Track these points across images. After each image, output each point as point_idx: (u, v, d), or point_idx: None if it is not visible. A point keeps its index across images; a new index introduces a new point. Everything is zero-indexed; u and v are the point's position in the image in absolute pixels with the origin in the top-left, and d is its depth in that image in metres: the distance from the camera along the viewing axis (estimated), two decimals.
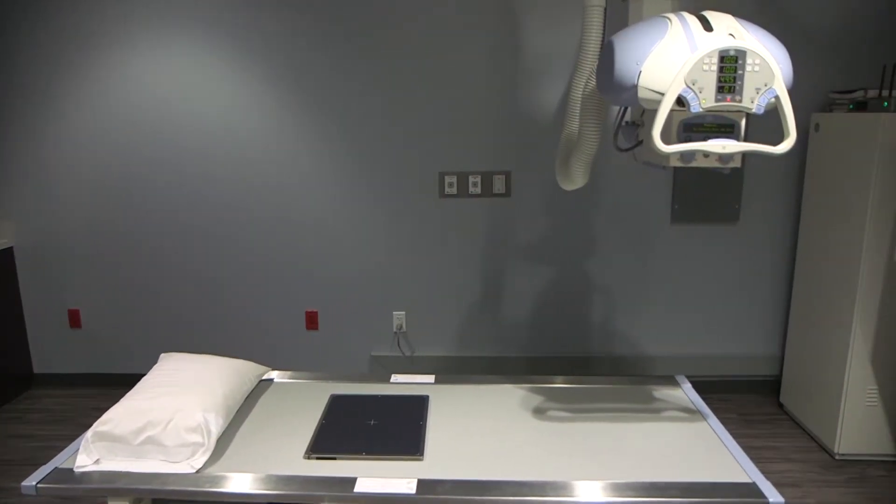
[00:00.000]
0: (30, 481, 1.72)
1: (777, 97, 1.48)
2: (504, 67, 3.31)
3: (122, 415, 1.81)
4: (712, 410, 2.09)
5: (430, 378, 2.38)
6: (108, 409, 1.85)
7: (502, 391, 2.27)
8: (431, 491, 1.67)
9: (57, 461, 1.82)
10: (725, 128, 1.56)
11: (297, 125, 3.41)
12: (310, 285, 3.61)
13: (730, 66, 1.45)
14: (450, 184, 3.44)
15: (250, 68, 3.34)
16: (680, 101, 1.48)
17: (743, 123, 1.56)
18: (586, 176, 2.14)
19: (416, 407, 2.13)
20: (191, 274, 3.62)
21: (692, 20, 1.53)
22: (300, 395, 2.24)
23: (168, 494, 1.70)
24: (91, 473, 1.76)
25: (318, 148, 3.44)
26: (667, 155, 1.56)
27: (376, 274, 3.59)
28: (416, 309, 3.63)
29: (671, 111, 1.49)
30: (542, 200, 3.45)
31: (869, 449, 2.96)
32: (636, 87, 1.51)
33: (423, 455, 1.84)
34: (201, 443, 1.80)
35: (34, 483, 1.72)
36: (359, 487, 1.68)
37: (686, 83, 1.45)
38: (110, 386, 3.78)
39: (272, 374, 2.42)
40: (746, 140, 1.54)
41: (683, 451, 1.86)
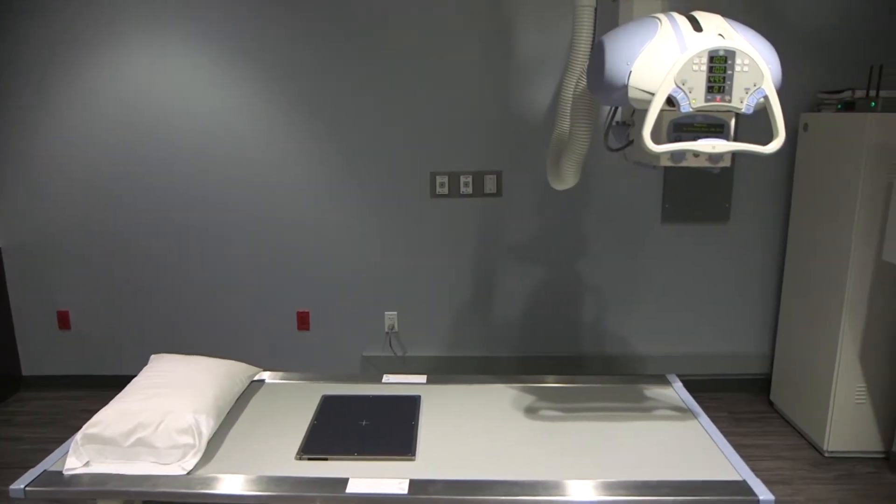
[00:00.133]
0: (18, 484, 1.71)
1: (766, 97, 1.49)
2: (495, 67, 3.31)
3: (113, 417, 1.80)
4: (703, 409, 2.11)
5: (422, 378, 2.38)
6: (98, 411, 1.84)
7: (494, 391, 2.27)
8: (423, 491, 1.67)
9: (46, 464, 1.81)
10: (715, 128, 1.57)
11: (289, 125, 3.40)
12: (301, 285, 3.61)
13: (719, 67, 1.46)
14: (441, 184, 3.44)
15: (242, 69, 3.33)
16: (670, 101, 1.48)
17: (732, 123, 1.57)
18: (577, 176, 2.15)
19: (408, 407, 2.13)
20: (181, 275, 3.60)
21: (682, 20, 1.53)
22: (291, 396, 2.24)
23: (159, 496, 1.70)
24: (81, 476, 1.75)
25: (310, 148, 3.43)
26: (657, 155, 1.56)
27: (368, 274, 3.58)
28: (408, 309, 3.62)
29: (661, 111, 1.50)
30: (534, 200, 3.46)
31: (858, 446, 2.99)
32: (626, 87, 1.51)
33: (415, 455, 1.84)
34: (192, 444, 1.79)
35: (23, 486, 1.71)
36: (350, 488, 1.68)
37: (676, 83, 1.46)
38: (100, 388, 3.75)
39: (263, 375, 2.41)
40: (736, 140, 1.55)
41: (674, 450, 1.87)
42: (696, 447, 1.88)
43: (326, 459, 1.83)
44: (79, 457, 1.78)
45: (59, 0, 3.25)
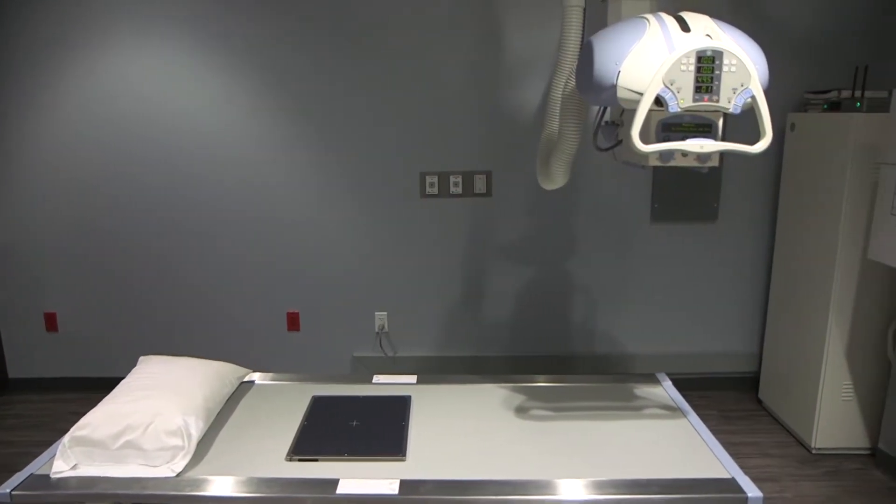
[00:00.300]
0: (4, 488, 1.69)
1: (753, 97, 1.50)
2: (485, 68, 3.32)
3: (101, 419, 1.78)
4: (692, 407, 2.12)
5: (413, 378, 2.38)
6: (87, 414, 1.82)
7: (484, 391, 2.27)
8: (414, 491, 1.67)
9: (32, 467, 1.79)
10: (703, 127, 1.58)
11: (278, 126, 3.39)
12: (291, 286, 3.59)
13: (707, 67, 1.47)
14: (431, 184, 3.44)
15: (232, 69, 3.32)
16: (658, 101, 1.49)
17: (720, 123, 1.58)
18: (567, 175, 2.16)
19: (399, 407, 2.13)
20: (170, 275, 3.58)
21: (670, 21, 1.54)
22: (282, 397, 2.23)
23: (148, 499, 1.68)
24: (68, 479, 1.73)
25: (299, 148, 3.42)
26: (646, 154, 1.57)
27: (358, 274, 3.58)
28: (398, 309, 3.62)
29: (650, 111, 1.51)
30: (523, 200, 3.46)
31: (844, 443, 3.01)
32: (615, 87, 1.52)
33: (406, 455, 1.84)
34: (181, 446, 1.78)
35: (8, 490, 1.69)
36: (341, 489, 1.68)
37: (664, 83, 1.47)
38: (89, 390, 3.72)
39: (253, 376, 2.40)
40: (724, 139, 1.56)
41: (664, 448, 1.88)
42: (686, 445, 1.89)
43: (317, 460, 1.82)
44: (66, 460, 1.76)
45: (49, 0, 3.23)
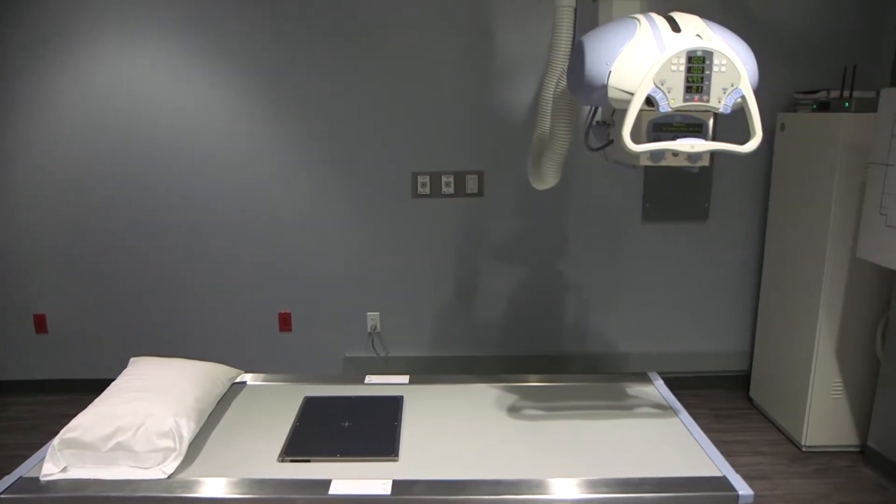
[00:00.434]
0: None
1: (743, 97, 1.51)
2: (476, 67, 3.32)
3: (91, 421, 1.77)
4: (684, 406, 2.13)
5: (405, 378, 2.38)
6: (77, 416, 1.81)
7: (476, 390, 2.27)
8: (406, 491, 1.67)
9: (21, 470, 1.78)
10: (694, 127, 1.58)
11: (269, 126, 3.38)
12: (283, 287, 3.58)
13: (697, 67, 1.47)
14: (423, 184, 3.44)
15: (223, 70, 3.30)
16: (649, 101, 1.50)
17: (711, 123, 1.58)
18: (558, 175, 2.16)
19: (391, 407, 2.13)
20: (161, 276, 3.56)
21: (660, 21, 1.55)
22: (273, 398, 2.22)
23: (139, 501, 1.67)
24: (58, 482, 1.72)
25: (291, 148, 3.41)
26: (637, 154, 1.58)
27: (350, 275, 3.57)
28: (391, 309, 3.62)
29: (640, 111, 1.51)
30: (515, 200, 3.47)
31: (834, 440, 3.03)
32: (606, 87, 1.52)
33: (398, 456, 1.84)
34: (173, 448, 1.77)
35: None
36: (333, 489, 1.68)
37: (655, 83, 1.47)
38: (79, 392, 3.70)
39: (245, 377, 2.39)
40: (714, 139, 1.57)
41: (656, 447, 1.88)
42: (677, 444, 1.90)
43: (309, 461, 1.82)
44: (56, 462, 1.75)
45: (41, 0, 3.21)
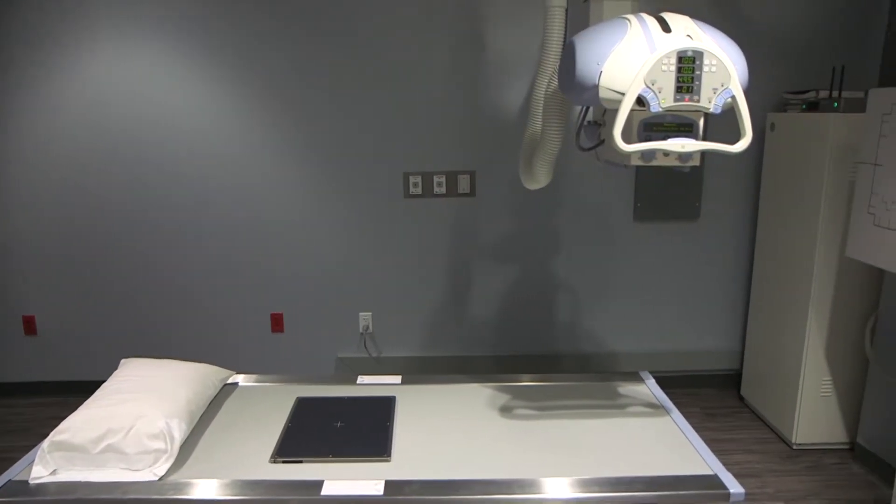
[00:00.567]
0: None
1: (733, 97, 1.52)
2: (468, 68, 3.32)
3: (81, 423, 1.76)
4: (675, 405, 2.14)
5: (397, 379, 2.37)
6: (66, 418, 1.80)
7: (469, 390, 2.27)
8: (399, 492, 1.67)
9: (10, 473, 1.77)
10: (684, 127, 1.59)
11: (261, 127, 3.37)
12: (275, 287, 3.57)
13: (687, 67, 1.48)
14: (414, 184, 3.44)
15: (215, 70, 3.29)
16: (640, 101, 1.50)
17: (701, 123, 1.59)
18: (550, 175, 2.16)
19: (383, 408, 2.12)
20: (152, 277, 3.54)
21: (651, 21, 1.55)
22: (265, 399, 2.22)
23: None
24: (47, 485, 1.71)
25: (283, 149, 3.40)
26: (628, 154, 1.58)
27: (342, 275, 3.56)
28: (383, 310, 3.61)
29: (631, 111, 1.52)
30: (507, 200, 3.47)
31: (824, 438, 3.06)
32: (597, 87, 1.53)
33: (391, 456, 1.84)
34: (164, 449, 1.76)
35: None
36: (326, 490, 1.67)
37: (646, 83, 1.48)
38: (69, 394, 3.67)
39: (237, 378, 2.38)
40: (705, 139, 1.57)
41: (648, 446, 1.89)
42: (669, 443, 1.91)
43: (301, 462, 1.81)
44: (45, 465, 1.74)
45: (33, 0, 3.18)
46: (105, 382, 2.02)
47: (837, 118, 2.72)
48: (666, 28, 1.53)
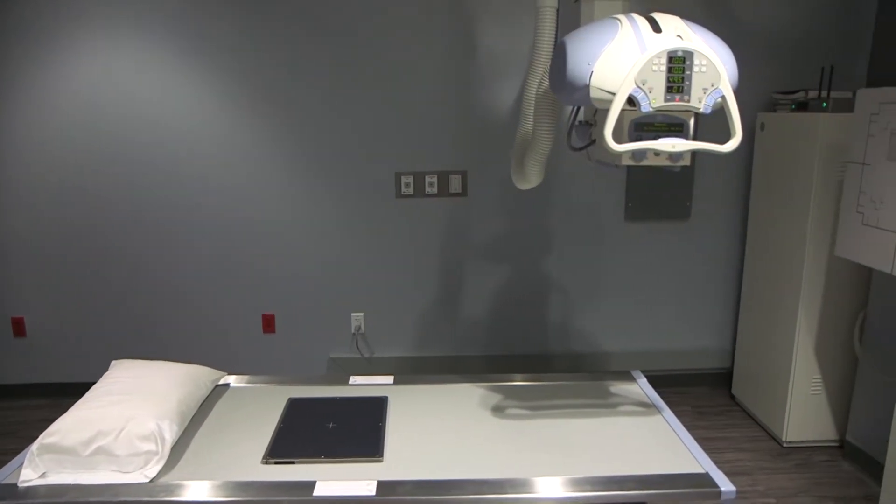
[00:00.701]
0: None
1: (723, 97, 1.52)
2: (459, 68, 3.32)
3: (71, 425, 1.75)
4: (667, 404, 2.14)
5: (389, 379, 2.37)
6: (56, 420, 1.79)
7: (461, 390, 2.28)
8: (391, 492, 1.67)
9: None
10: (675, 127, 1.60)
11: (253, 127, 3.36)
12: (266, 288, 3.56)
13: (678, 67, 1.49)
14: (406, 184, 3.43)
15: (206, 71, 3.28)
16: (631, 101, 1.51)
17: (691, 123, 1.60)
18: (541, 175, 2.17)
19: (376, 408, 2.12)
20: (142, 278, 3.52)
21: (641, 22, 1.56)
22: (257, 400, 2.21)
23: None
24: (37, 488, 1.69)
25: (274, 149, 3.39)
26: (618, 154, 1.58)
27: (334, 275, 3.56)
28: (375, 310, 3.61)
29: (622, 111, 1.52)
30: (499, 200, 3.47)
31: (814, 436, 3.08)
32: (588, 87, 1.53)
33: (383, 456, 1.84)
34: (155, 451, 1.75)
35: None
36: (318, 491, 1.67)
37: (636, 83, 1.48)
38: (59, 396, 3.65)
39: (229, 379, 2.37)
40: (695, 139, 1.58)
41: (639, 445, 1.90)
42: (661, 441, 1.91)
43: (293, 463, 1.81)
44: (35, 468, 1.72)
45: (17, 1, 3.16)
46: (95, 384, 2.01)
47: (826, 118, 2.74)
48: (656, 28, 1.54)
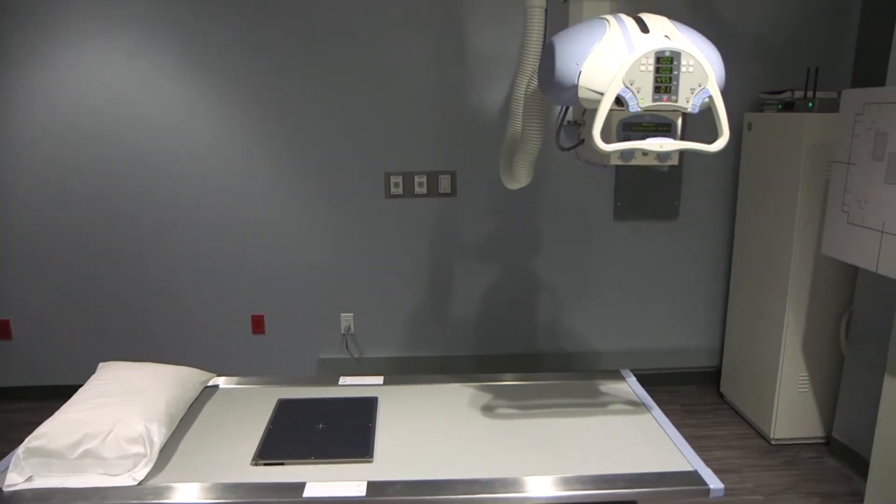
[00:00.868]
0: None
1: (711, 97, 1.53)
2: (448, 68, 3.32)
3: (58, 428, 1.73)
4: (656, 402, 2.15)
5: (379, 379, 2.37)
6: (42, 423, 1.77)
7: (451, 390, 2.28)
8: (382, 493, 1.67)
9: None
10: (663, 127, 1.60)
11: (242, 127, 3.34)
12: (255, 289, 3.55)
13: (665, 67, 1.49)
14: (395, 184, 3.43)
15: (195, 72, 3.26)
16: (619, 101, 1.51)
17: (679, 122, 1.60)
18: (530, 175, 2.17)
19: (365, 409, 2.12)
20: (130, 279, 3.49)
21: (629, 22, 1.56)
22: (247, 401, 2.20)
23: None
24: (22, 492, 1.68)
25: (263, 149, 3.37)
26: (607, 153, 1.59)
27: (323, 276, 3.55)
28: (364, 310, 3.60)
29: (610, 111, 1.53)
30: (488, 200, 3.48)
31: (801, 433, 3.10)
32: (576, 87, 1.54)
33: (373, 457, 1.83)
34: (143, 453, 1.74)
35: None
36: (308, 492, 1.66)
37: (624, 83, 1.49)
38: (45, 399, 3.61)
39: (218, 381, 2.36)
40: (683, 139, 1.59)
41: (629, 444, 1.90)
42: (650, 440, 1.92)
43: (283, 464, 1.80)
44: (20, 472, 1.71)
45: (10, 0, 3.13)
46: (83, 387, 2.00)
47: (812, 118, 2.77)
48: (644, 29, 1.54)
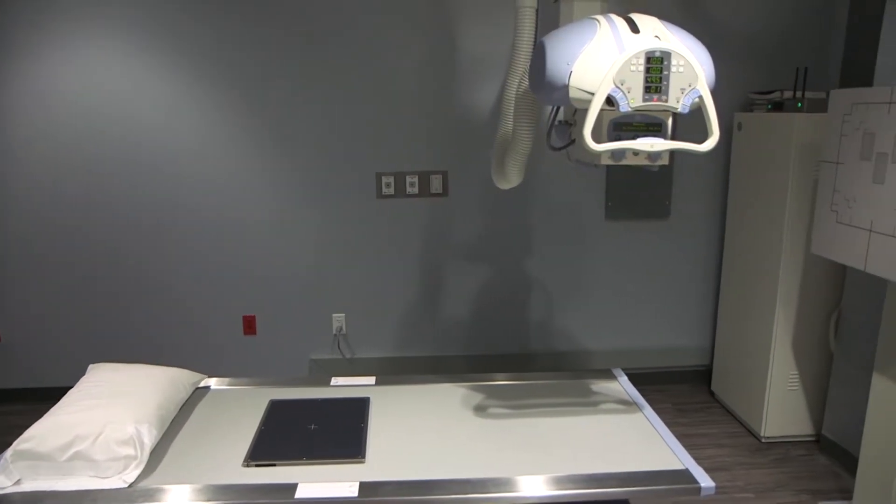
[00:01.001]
0: None
1: (701, 97, 1.54)
2: (440, 68, 3.32)
3: (47, 430, 1.72)
4: (648, 401, 2.16)
5: (371, 380, 2.37)
6: (32, 426, 1.76)
7: (443, 390, 2.28)
8: (374, 493, 1.67)
9: None
10: (653, 127, 1.61)
11: (232, 127, 3.33)
12: (246, 289, 3.53)
13: (656, 67, 1.50)
14: (387, 184, 3.43)
15: (187, 72, 3.24)
16: (609, 101, 1.52)
17: (670, 122, 1.61)
18: (521, 175, 2.18)
19: (357, 409, 2.12)
20: (120, 280, 3.47)
21: (620, 22, 1.57)
22: (238, 402, 2.19)
23: None
24: (10, 496, 1.66)
25: (254, 150, 3.36)
26: (598, 153, 1.60)
27: (314, 276, 3.54)
28: (356, 311, 3.60)
29: (601, 111, 1.53)
30: (480, 200, 3.48)
31: (791, 431, 3.12)
32: (567, 87, 1.54)
33: (365, 457, 1.83)
34: (134, 455, 1.73)
35: None
36: (300, 493, 1.66)
37: (615, 83, 1.49)
38: (34, 402, 3.59)
39: (209, 382, 2.35)
40: (674, 138, 1.60)
41: (621, 442, 1.91)
42: (642, 439, 1.93)
43: (275, 465, 1.80)
44: (8, 475, 1.69)
45: (5, 1, 3.10)
46: (72, 388, 1.98)
47: (801, 118, 2.78)
48: (634, 29, 1.55)
